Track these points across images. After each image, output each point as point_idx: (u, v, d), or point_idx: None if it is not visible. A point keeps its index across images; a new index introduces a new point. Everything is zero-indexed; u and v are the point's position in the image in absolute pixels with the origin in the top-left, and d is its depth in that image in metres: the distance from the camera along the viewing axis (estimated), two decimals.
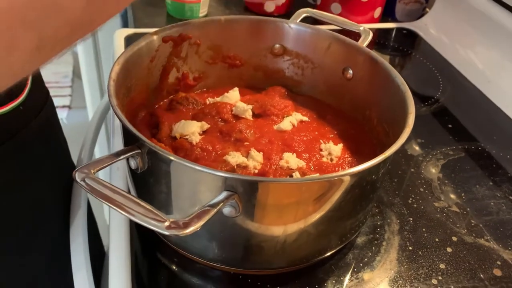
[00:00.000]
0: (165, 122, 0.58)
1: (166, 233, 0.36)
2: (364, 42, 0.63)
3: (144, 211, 0.37)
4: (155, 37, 0.59)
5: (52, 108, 0.70)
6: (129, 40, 0.89)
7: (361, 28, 0.65)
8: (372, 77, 0.60)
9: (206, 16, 1.05)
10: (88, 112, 1.76)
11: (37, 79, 0.65)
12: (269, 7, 1.05)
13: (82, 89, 1.72)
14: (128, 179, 0.54)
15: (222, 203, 0.40)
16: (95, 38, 1.52)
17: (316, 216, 0.46)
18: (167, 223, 0.36)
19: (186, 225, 0.36)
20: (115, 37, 0.89)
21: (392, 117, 0.56)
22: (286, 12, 1.07)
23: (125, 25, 1.28)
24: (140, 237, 0.55)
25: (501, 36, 0.89)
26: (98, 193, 0.38)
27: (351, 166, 0.56)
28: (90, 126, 0.74)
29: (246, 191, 0.42)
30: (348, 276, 0.52)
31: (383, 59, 0.59)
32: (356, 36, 0.65)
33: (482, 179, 0.67)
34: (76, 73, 2.60)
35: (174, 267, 0.53)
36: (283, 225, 0.45)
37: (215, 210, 0.39)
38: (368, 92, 0.61)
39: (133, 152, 0.44)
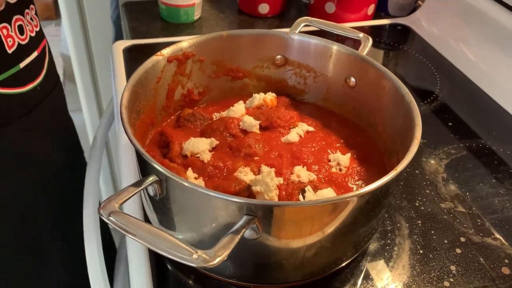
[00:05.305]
0: (175, 142, 0.59)
1: (195, 265, 0.37)
2: (364, 49, 0.64)
3: (172, 245, 0.38)
4: (160, 58, 0.59)
5: (60, 89, 0.84)
6: (128, 52, 0.89)
7: (361, 35, 0.66)
8: (375, 85, 0.61)
9: (200, 19, 1.05)
10: (84, 115, 1.77)
11: (51, 64, 0.79)
12: (263, 8, 1.05)
13: (75, 92, 1.72)
14: (146, 204, 0.55)
15: (244, 229, 0.41)
16: (88, 42, 1.52)
17: (334, 229, 0.47)
18: (195, 256, 0.37)
19: (214, 256, 0.38)
20: (113, 50, 0.90)
21: (397, 125, 0.57)
22: (280, 13, 1.07)
23: (118, 32, 1.28)
24: (157, 254, 0.56)
25: (494, 29, 0.90)
26: (125, 228, 0.39)
27: (360, 176, 0.58)
28: (92, 148, 0.76)
29: (266, 215, 0.43)
30: (363, 284, 0.54)
31: (385, 68, 0.60)
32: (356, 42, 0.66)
33: (485, 176, 0.68)
34: (68, 76, 2.58)
35: (191, 283, 0.54)
36: (302, 241, 0.47)
37: (239, 236, 0.40)
38: (372, 99, 0.62)
39: (153, 181, 0.45)
